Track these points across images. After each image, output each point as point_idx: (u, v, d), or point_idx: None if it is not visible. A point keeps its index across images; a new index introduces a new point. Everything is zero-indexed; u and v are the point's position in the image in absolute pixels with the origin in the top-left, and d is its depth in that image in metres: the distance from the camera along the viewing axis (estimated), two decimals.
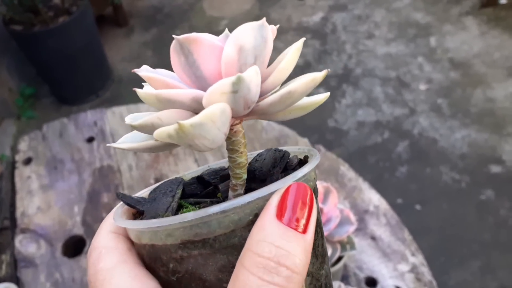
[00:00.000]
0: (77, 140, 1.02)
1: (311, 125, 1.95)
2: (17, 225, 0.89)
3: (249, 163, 0.32)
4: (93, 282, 0.27)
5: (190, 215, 0.24)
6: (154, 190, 0.32)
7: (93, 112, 1.07)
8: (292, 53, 0.26)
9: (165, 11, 2.67)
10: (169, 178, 0.34)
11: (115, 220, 0.28)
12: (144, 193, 0.32)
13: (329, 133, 1.92)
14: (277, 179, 0.28)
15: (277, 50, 0.25)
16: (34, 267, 0.83)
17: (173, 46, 0.25)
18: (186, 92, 0.24)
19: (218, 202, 0.28)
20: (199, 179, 0.33)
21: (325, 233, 0.64)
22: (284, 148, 0.34)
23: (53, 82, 2.20)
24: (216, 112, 0.23)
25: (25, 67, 2.20)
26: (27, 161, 0.99)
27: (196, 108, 0.25)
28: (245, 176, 0.29)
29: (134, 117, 0.28)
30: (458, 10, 2.35)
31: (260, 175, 0.31)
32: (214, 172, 0.34)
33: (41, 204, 0.91)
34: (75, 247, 0.86)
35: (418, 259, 0.77)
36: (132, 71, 0.28)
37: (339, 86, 2.10)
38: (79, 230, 0.87)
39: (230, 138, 0.28)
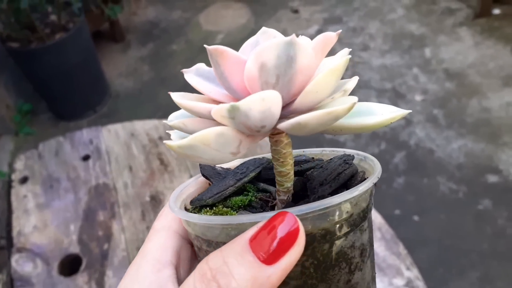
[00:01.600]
0: (73, 158, 1.02)
1: (308, 137, 1.96)
2: (13, 244, 0.89)
3: (311, 169, 0.32)
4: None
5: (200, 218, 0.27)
6: (241, 164, 0.33)
7: (89, 130, 1.08)
8: (325, 75, 0.24)
9: (162, 26, 2.69)
10: (260, 156, 0.35)
11: (170, 207, 0.30)
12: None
13: (326, 144, 1.92)
14: (318, 198, 0.28)
15: None
16: (31, 286, 0.83)
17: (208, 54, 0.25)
18: (203, 106, 0.25)
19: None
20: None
21: None
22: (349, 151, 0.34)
23: (50, 98, 2.21)
24: (209, 136, 0.23)
25: (22, 83, 2.21)
26: (23, 180, 1.00)
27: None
28: (288, 184, 0.29)
29: (176, 115, 0.31)
30: (452, 21, 2.37)
31: (310, 187, 0.30)
32: (303, 161, 0.35)
33: (37, 223, 0.92)
34: (71, 265, 0.86)
35: (413, 273, 0.78)
36: (181, 71, 0.30)
37: None
38: (75, 249, 0.87)
39: (272, 147, 0.28)
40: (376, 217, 0.85)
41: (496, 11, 2.32)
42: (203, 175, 0.33)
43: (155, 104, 2.21)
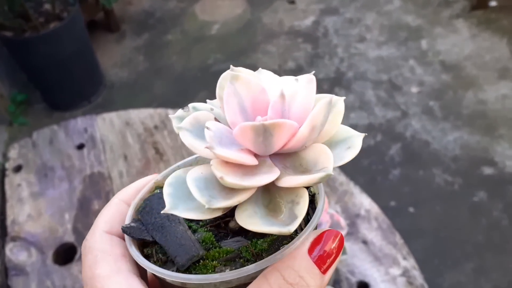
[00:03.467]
0: (67, 147, 1.02)
1: None
2: (7, 233, 0.88)
3: None
4: (89, 285, 0.28)
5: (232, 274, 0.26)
6: (150, 210, 0.31)
7: (83, 119, 1.07)
8: (306, 126, 0.25)
9: (157, 16, 2.67)
10: (148, 189, 0.33)
11: (143, 264, 0.29)
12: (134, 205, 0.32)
13: None
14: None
15: (269, 55, 0.25)
16: (25, 275, 0.82)
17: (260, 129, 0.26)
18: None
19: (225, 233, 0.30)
20: None
21: None
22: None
23: (44, 88, 2.19)
24: None
25: (16, 73, 2.19)
26: (17, 169, 0.99)
27: None
28: None
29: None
30: (448, 12, 2.36)
31: None
32: None
33: (32, 212, 0.91)
34: (66, 254, 0.85)
35: (409, 263, 0.77)
36: (176, 131, 0.28)
37: (331, 89, 2.10)
38: (70, 238, 0.86)
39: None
40: (372, 207, 0.85)
41: (493, 3, 2.32)
42: (137, 239, 0.31)
43: (151, 94, 2.20)
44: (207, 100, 0.29)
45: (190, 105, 0.26)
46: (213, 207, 0.24)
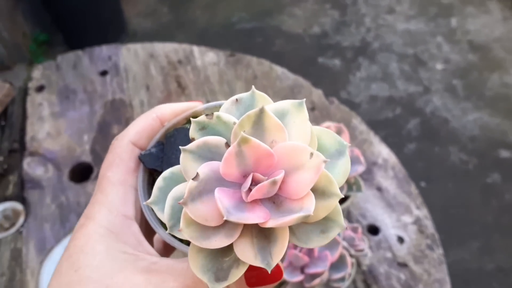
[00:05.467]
0: (90, 72, 1.02)
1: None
2: (26, 148, 0.89)
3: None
4: (99, 180, 0.31)
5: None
6: (174, 141, 0.32)
7: (108, 47, 1.07)
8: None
9: None
10: (185, 116, 0.34)
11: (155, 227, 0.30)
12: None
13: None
14: None
15: (295, 18, 0.23)
16: (41, 189, 0.83)
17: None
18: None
19: None
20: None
21: None
22: None
23: (67, 31, 2.18)
24: None
25: (41, 13, 2.18)
26: (40, 89, 0.99)
27: None
28: None
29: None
30: None
31: None
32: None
33: (51, 130, 0.91)
34: (82, 173, 0.86)
35: (422, 212, 0.77)
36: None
37: (355, 58, 2.08)
38: (87, 158, 0.87)
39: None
40: (391, 157, 0.84)
41: None
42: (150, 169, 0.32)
43: None
44: (230, 102, 0.27)
45: (216, 114, 0.25)
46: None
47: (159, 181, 0.26)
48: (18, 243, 0.76)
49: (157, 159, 0.32)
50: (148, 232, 0.32)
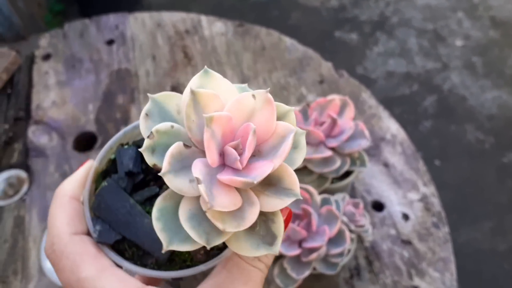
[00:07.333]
0: (97, 41, 1.00)
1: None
2: (31, 117, 0.89)
3: None
4: None
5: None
6: (106, 207, 0.31)
7: (116, 16, 1.05)
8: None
9: None
10: (92, 179, 0.33)
11: (131, 269, 0.30)
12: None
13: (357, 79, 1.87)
14: None
15: None
16: (45, 158, 0.83)
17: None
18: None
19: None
20: (129, 174, 0.32)
21: (337, 144, 0.62)
22: None
23: (82, 1, 2.17)
24: None
25: None
26: (46, 57, 0.98)
27: None
28: None
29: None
30: None
31: None
32: (131, 156, 0.32)
33: (57, 99, 0.91)
34: (87, 142, 0.85)
35: (429, 190, 0.75)
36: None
37: (373, 33, 2.03)
38: (91, 127, 0.87)
39: None
40: (400, 132, 0.82)
41: None
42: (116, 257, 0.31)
43: None
44: (143, 119, 0.28)
45: (153, 130, 0.25)
46: (212, 246, 0.25)
47: (156, 224, 0.26)
48: (21, 211, 0.77)
49: (110, 232, 0.31)
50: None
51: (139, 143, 0.33)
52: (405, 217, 0.72)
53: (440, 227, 0.71)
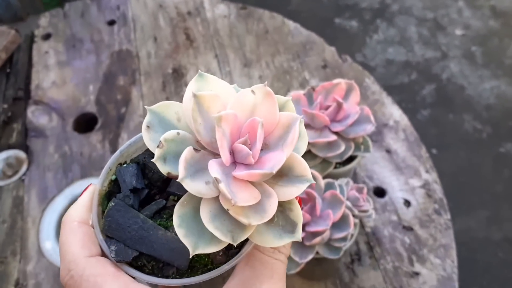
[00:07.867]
0: (98, 21, 0.99)
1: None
2: (30, 97, 0.88)
3: None
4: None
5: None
6: (117, 227, 0.31)
7: None
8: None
9: None
10: (97, 202, 0.32)
11: (158, 282, 0.30)
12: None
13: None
14: None
15: None
16: (44, 138, 0.82)
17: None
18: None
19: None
20: (134, 190, 0.32)
21: (341, 128, 0.62)
22: None
23: None
24: None
25: None
26: (46, 37, 0.97)
27: None
28: None
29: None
30: None
31: None
32: (132, 173, 0.32)
33: (57, 79, 0.90)
34: (87, 124, 0.85)
35: (431, 176, 0.75)
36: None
37: (373, 20, 2.01)
38: (92, 108, 0.86)
39: None
40: (403, 119, 0.82)
41: None
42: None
43: None
44: (145, 130, 0.28)
45: (162, 139, 0.26)
46: (238, 242, 0.26)
47: (179, 231, 0.26)
48: (20, 191, 0.76)
49: (126, 250, 0.30)
50: None
51: (137, 160, 0.33)
52: (407, 203, 0.72)
53: (441, 214, 0.72)
